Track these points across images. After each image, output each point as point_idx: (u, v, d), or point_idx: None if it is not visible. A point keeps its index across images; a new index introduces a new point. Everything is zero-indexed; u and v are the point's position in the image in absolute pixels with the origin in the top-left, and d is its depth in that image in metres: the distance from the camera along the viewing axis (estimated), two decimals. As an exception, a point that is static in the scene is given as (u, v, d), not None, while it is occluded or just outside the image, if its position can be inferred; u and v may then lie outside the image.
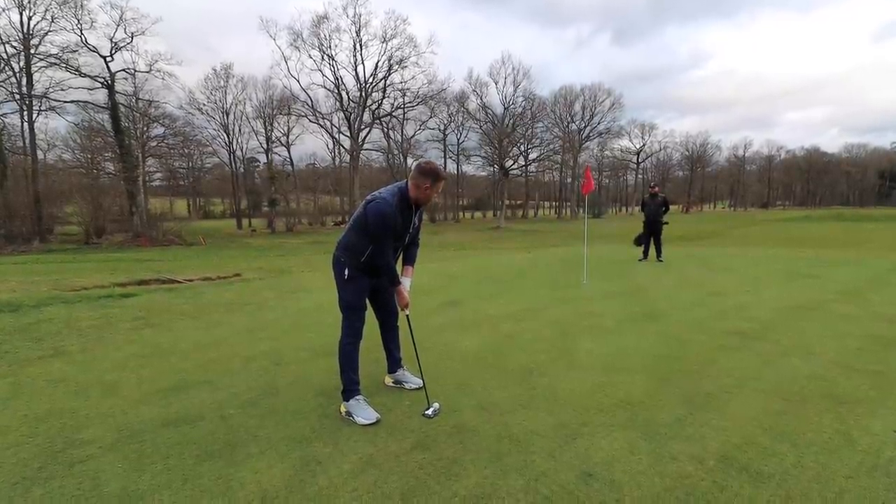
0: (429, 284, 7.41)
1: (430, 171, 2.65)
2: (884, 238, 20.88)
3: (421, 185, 2.65)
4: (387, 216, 2.57)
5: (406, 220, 2.72)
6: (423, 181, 2.64)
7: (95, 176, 36.78)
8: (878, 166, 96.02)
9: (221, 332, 4.60)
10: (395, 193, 2.65)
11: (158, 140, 40.81)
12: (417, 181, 2.65)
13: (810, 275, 7.91)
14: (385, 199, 2.60)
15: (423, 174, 2.64)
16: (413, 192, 2.67)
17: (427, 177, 2.64)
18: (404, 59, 41.13)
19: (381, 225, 2.58)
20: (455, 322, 4.92)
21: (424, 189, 2.65)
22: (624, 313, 5.26)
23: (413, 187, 2.67)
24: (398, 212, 2.63)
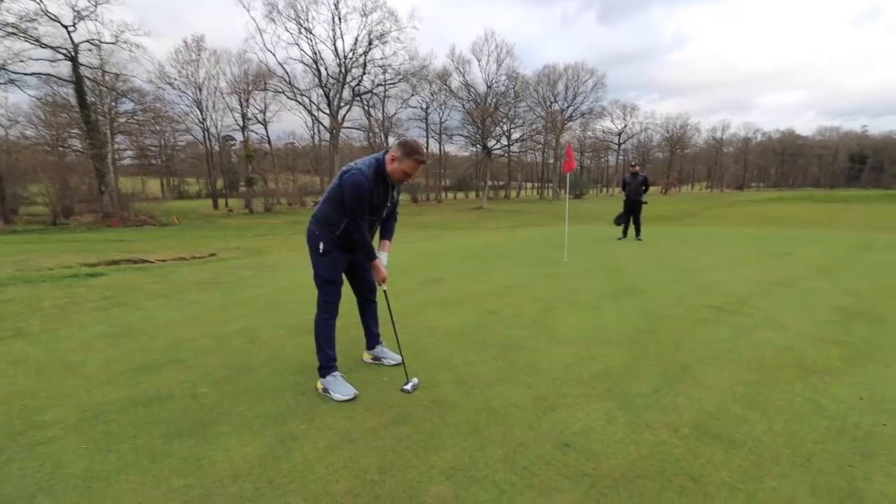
0: (410, 263, 7.35)
1: (411, 151, 2.54)
2: (851, 218, 21.57)
3: (398, 162, 2.54)
4: (362, 188, 2.47)
5: (383, 193, 2.63)
6: (403, 159, 2.54)
7: (62, 153, 35.16)
8: (849, 149, 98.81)
9: (195, 310, 4.46)
10: (372, 165, 2.55)
11: (128, 116, 39.18)
12: (396, 156, 2.54)
13: (784, 252, 8.11)
14: (361, 170, 2.50)
15: (404, 150, 2.53)
16: (389, 167, 2.57)
17: (407, 156, 2.53)
18: (385, 33, 40.08)
19: (356, 197, 2.48)
20: (437, 299, 4.88)
21: (401, 168, 2.55)
22: (604, 290, 5.30)
23: (390, 160, 2.56)
24: (374, 185, 2.54)
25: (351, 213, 2.52)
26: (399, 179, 2.59)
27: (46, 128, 36.00)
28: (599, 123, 68.91)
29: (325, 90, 40.73)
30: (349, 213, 2.53)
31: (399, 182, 2.63)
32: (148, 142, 47.89)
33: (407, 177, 2.58)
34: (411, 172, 2.58)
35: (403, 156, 2.53)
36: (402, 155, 2.53)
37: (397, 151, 2.53)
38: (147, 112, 40.36)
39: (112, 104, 37.09)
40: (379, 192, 2.59)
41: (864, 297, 4.87)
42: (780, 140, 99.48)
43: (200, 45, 43.38)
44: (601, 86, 57.81)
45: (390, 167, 2.56)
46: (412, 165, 2.54)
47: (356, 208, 2.51)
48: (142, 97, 39.63)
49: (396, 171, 2.56)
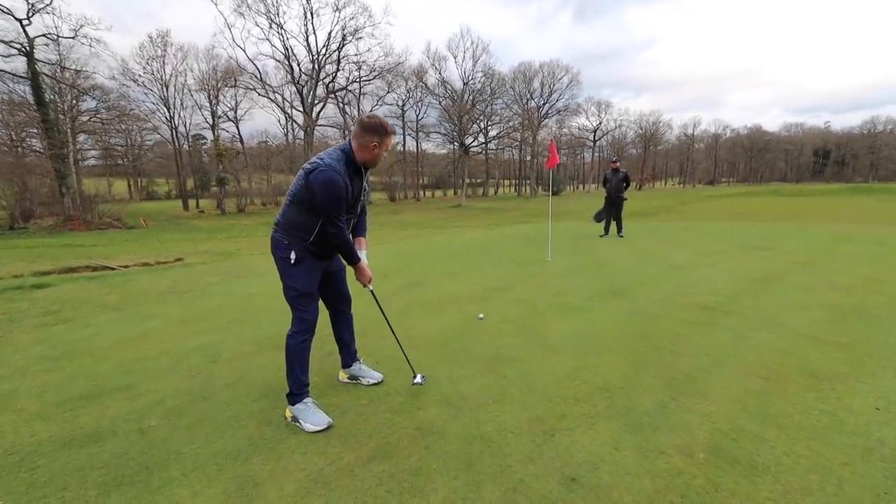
0: (388, 265, 7.03)
1: (375, 127, 2.27)
2: (817, 211, 22.26)
3: (367, 145, 2.27)
4: (336, 185, 2.17)
5: (356, 187, 2.34)
6: (369, 139, 2.26)
7: (20, 154, 33.22)
8: (814, 144, 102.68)
9: (150, 325, 4.06)
10: (340, 158, 2.25)
11: (90, 114, 37.43)
12: (362, 140, 2.26)
13: (763, 247, 8.12)
14: (331, 165, 2.19)
15: (368, 131, 2.26)
16: (359, 154, 2.29)
17: (373, 134, 2.26)
18: (359, 29, 39.35)
19: (331, 196, 2.18)
20: (417, 304, 4.60)
21: (371, 148, 2.28)
22: (591, 289, 5.11)
23: (358, 148, 2.28)
24: (347, 178, 2.26)
25: (328, 214, 2.22)
26: (375, 160, 2.35)
27: (4, 127, 34.00)
28: (575, 120, 69.57)
29: (298, 87, 39.76)
30: (326, 216, 2.23)
31: (374, 163, 2.38)
32: (114, 141, 45.86)
33: (381, 154, 2.36)
34: (385, 148, 2.37)
35: (381, 137, 2.29)
36: (379, 138, 2.28)
37: (373, 137, 2.27)
38: (111, 110, 38.66)
39: (73, 102, 35.38)
40: (354, 186, 2.32)
41: (853, 292, 4.81)
42: (748, 136, 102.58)
43: (166, 41, 41.75)
44: (576, 83, 58.28)
45: (370, 154, 2.30)
46: (389, 143, 2.35)
47: (334, 208, 2.21)
48: (105, 95, 37.95)
49: (378, 156, 2.33)
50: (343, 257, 2.44)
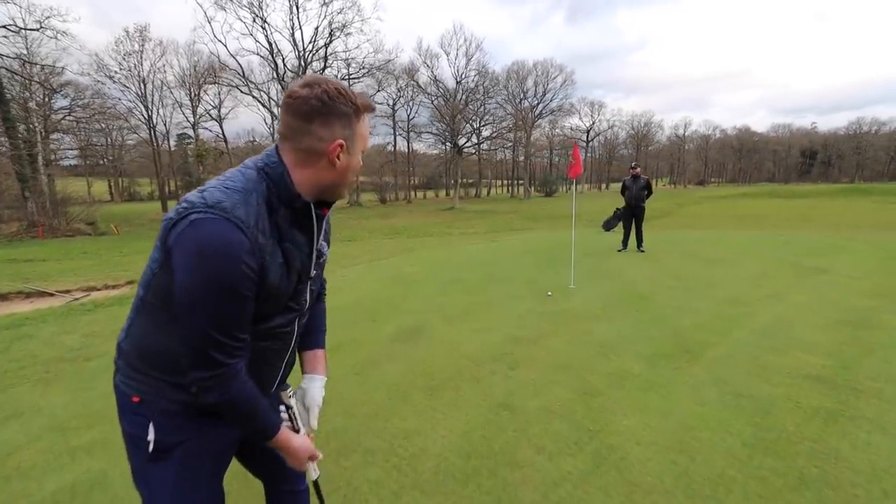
0: (379, 297, 5.72)
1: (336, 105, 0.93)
2: (826, 215, 21.39)
3: (322, 149, 0.96)
4: (230, 260, 0.87)
5: (298, 254, 1.03)
6: (326, 133, 0.95)
7: (-16, 155, 31.15)
8: (801, 145, 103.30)
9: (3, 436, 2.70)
10: (251, 190, 0.94)
11: (64, 113, 35.41)
12: (310, 142, 0.95)
13: (817, 268, 6.95)
14: (224, 208, 0.88)
15: (320, 116, 0.93)
16: (303, 176, 0.98)
17: (334, 120, 0.95)
18: (347, 24, 37.76)
19: (214, 289, 0.87)
20: (417, 379, 3.29)
21: (332, 155, 0.97)
22: (646, 344, 3.86)
23: (301, 161, 0.97)
24: (271, 237, 0.95)
25: (203, 336, 0.90)
26: (345, 181, 1.03)
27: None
28: (568, 121, 68.71)
29: (283, 84, 38.06)
30: (199, 338, 0.90)
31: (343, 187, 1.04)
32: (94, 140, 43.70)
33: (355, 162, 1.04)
34: (362, 147, 1.04)
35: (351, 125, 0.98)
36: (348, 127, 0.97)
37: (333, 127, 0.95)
38: (87, 108, 36.65)
39: (45, 99, 33.40)
40: (292, 254, 1.01)
41: None
42: (737, 136, 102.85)
43: (144, 35, 39.84)
44: (570, 83, 57.34)
45: (332, 172, 0.99)
46: (366, 130, 1.03)
47: (218, 322, 0.90)
48: (79, 92, 35.99)
49: (350, 170, 1.02)
50: (242, 429, 1.10)
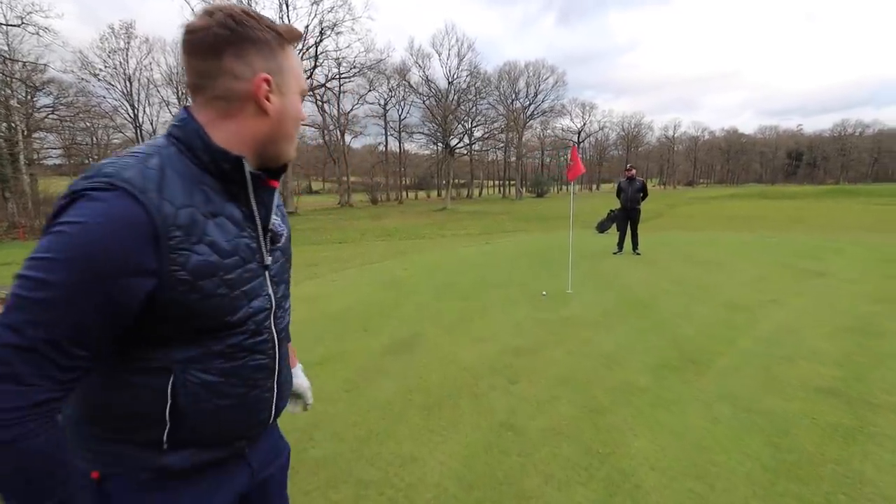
0: (372, 304, 5.51)
1: (245, 30, 0.73)
2: (815, 216, 21.56)
3: (240, 91, 0.74)
4: (105, 238, 0.63)
5: (238, 226, 0.78)
6: (242, 69, 0.73)
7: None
8: (787, 146, 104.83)
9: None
10: (153, 154, 0.71)
11: (47, 111, 34.60)
12: (223, 82, 0.73)
13: (813, 271, 6.88)
14: (108, 173, 0.65)
15: (230, 47, 0.72)
16: (229, 130, 0.76)
17: (248, 48, 0.73)
18: (338, 23, 37.40)
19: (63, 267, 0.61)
20: (412, 395, 3.10)
21: (257, 93, 0.75)
22: (651, 353, 3.71)
23: (220, 111, 0.75)
24: (190, 206, 0.70)
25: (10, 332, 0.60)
26: (290, 135, 0.84)
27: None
28: (559, 122, 68.89)
29: (273, 84, 37.56)
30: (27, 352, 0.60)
31: (284, 145, 0.83)
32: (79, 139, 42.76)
33: (294, 107, 0.82)
34: (301, 90, 0.84)
35: (275, 55, 0.77)
36: (272, 58, 0.76)
37: (246, 59, 0.73)
38: (70, 107, 35.84)
39: (27, 97, 32.60)
40: (223, 229, 0.75)
41: None
42: (724, 138, 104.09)
43: (130, 32, 39.15)
44: (562, 84, 57.41)
45: (260, 123, 0.77)
46: (296, 63, 0.82)
47: (48, 316, 0.61)
48: (63, 90, 35.17)
49: (286, 114, 0.80)
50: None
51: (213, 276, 0.72)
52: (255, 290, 0.81)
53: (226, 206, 0.76)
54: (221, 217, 0.75)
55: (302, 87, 0.84)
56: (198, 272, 0.70)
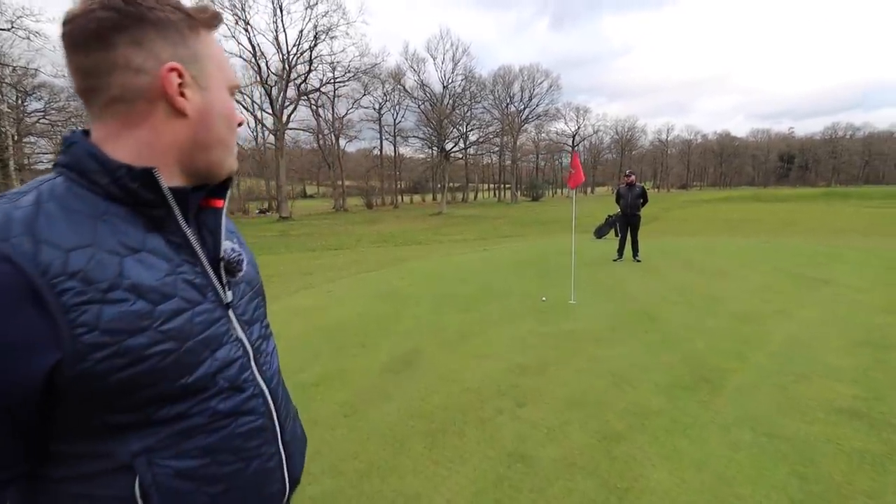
0: (369, 317, 5.34)
1: (154, 5, 0.58)
2: (809, 219, 21.63)
3: (147, 79, 0.58)
4: None
5: (171, 262, 0.61)
6: (139, 54, 0.57)
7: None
8: (779, 149, 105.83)
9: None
10: (29, 190, 0.55)
11: (38, 116, 34.19)
12: (124, 79, 0.57)
13: (818, 278, 6.78)
14: None
15: (115, 30, 0.55)
16: (138, 142, 0.59)
17: (154, 28, 0.58)
18: (332, 27, 37.29)
19: None
20: (418, 419, 2.93)
21: (165, 81, 0.58)
22: (664, 373, 3.56)
23: (121, 120, 0.58)
24: (93, 246, 0.54)
25: None
26: (222, 137, 0.67)
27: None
28: (554, 125, 69.07)
29: (266, 88, 37.40)
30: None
31: (227, 167, 0.69)
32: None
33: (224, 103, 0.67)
34: (236, 84, 0.70)
35: (187, 31, 0.61)
36: (182, 44, 0.60)
37: (162, 43, 0.58)
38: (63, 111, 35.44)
39: (18, 102, 32.23)
40: (148, 266, 0.58)
41: None
42: (717, 141, 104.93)
43: (122, 37, 38.68)
44: (556, 88, 57.68)
45: (179, 130, 0.61)
46: (219, 49, 0.67)
47: None
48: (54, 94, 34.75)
49: (212, 111, 0.64)
50: None
51: (143, 329, 0.55)
52: (216, 337, 0.64)
53: (148, 238, 0.59)
54: (143, 252, 0.58)
55: (231, 81, 0.68)
56: (118, 328, 0.53)
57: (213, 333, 0.63)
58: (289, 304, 6.15)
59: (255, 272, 0.79)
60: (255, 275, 0.79)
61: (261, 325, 0.76)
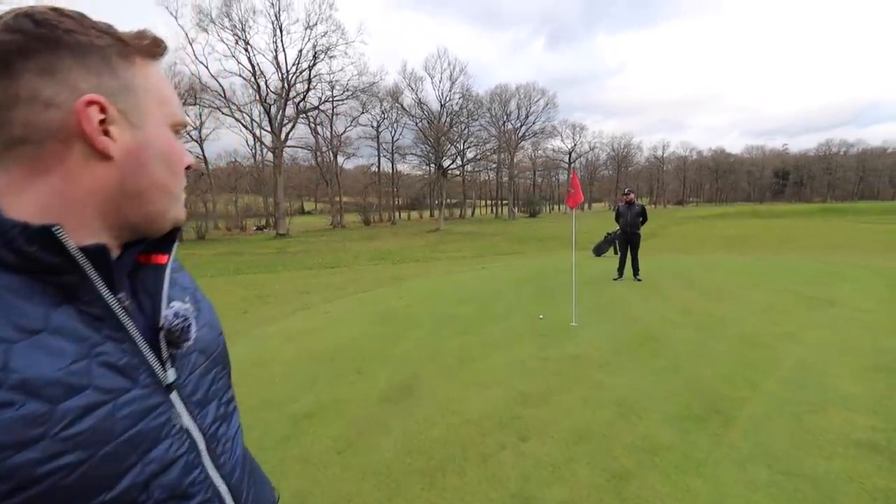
0: (366, 339, 5.19)
1: (75, 28, 0.48)
2: (807, 236, 21.65)
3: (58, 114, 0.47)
4: None
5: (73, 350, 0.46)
6: (50, 85, 0.46)
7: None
8: (774, 166, 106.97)
9: None
10: None
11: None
12: (28, 115, 0.46)
13: (822, 298, 6.68)
14: None
15: (20, 55, 0.45)
16: (46, 194, 0.48)
17: (71, 54, 0.47)
18: (331, 47, 37.86)
19: None
20: (416, 456, 2.77)
21: (81, 117, 0.47)
22: (673, 402, 3.41)
23: (24, 167, 0.47)
24: None
25: None
26: (164, 183, 0.55)
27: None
28: (550, 142, 69.75)
29: (265, 106, 37.72)
30: None
31: (172, 217, 0.58)
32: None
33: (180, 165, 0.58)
34: (181, 122, 0.59)
35: (115, 58, 0.51)
36: (108, 66, 0.50)
37: (81, 71, 0.48)
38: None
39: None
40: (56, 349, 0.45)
41: None
42: (713, 158, 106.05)
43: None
44: (552, 106, 58.39)
45: (103, 176, 0.50)
46: (161, 80, 0.56)
47: None
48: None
49: (148, 153, 0.53)
50: None
51: (35, 440, 0.41)
52: (149, 432, 0.50)
53: (54, 314, 0.46)
54: (43, 334, 0.44)
55: (174, 118, 0.57)
56: None
57: (145, 428, 0.50)
58: (284, 327, 6.00)
59: (214, 334, 0.67)
60: (215, 337, 0.67)
61: (219, 402, 0.63)
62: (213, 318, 0.69)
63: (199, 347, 0.61)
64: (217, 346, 0.67)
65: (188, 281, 0.68)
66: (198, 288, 0.70)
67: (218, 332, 0.69)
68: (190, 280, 0.69)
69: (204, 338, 0.63)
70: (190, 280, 0.69)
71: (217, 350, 0.67)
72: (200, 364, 0.61)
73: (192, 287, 0.68)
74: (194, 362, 0.60)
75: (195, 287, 0.69)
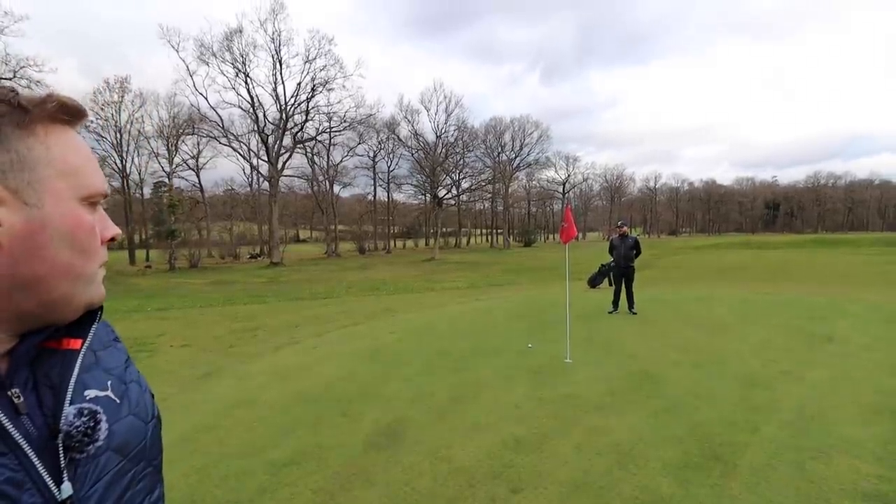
0: (353, 378, 5.02)
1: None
2: (800, 268, 21.75)
3: None
4: None
5: None
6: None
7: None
8: (764, 197, 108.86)
9: None
10: None
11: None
12: None
13: (820, 335, 6.59)
14: None
15: None
16: None
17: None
18: (329, 80, 38.72)
19: None
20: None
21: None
22: (672, 449, 3.26)
23: None
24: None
25: None
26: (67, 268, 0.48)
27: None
28: (545, 173, 70.76)
29: (262, 136, 38.19)
30: None
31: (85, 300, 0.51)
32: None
33: None
34: (96, 193, 0.52)
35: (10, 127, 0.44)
36: None
37: None
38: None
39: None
40: None
41: None
42: (704, 189, 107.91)
43: (125, 87, 39.90)
44: (546, 137, 59.53)
45: None
46: (72, 147, 0.50)
47: None
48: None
49: (45, 236, 0.46)
50: None
51: None
52: None
53: None
54: None
55: (89, 189, 0.50)
56: None
57: None
58: (271, 364, 5.81)
59: (140, 425, 0.57)
60: (141, 429, 0.57)
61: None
62: (144, 405, 0.59)
63: (113, 446, 0.52)
64: (141, 438, 0.57)
65: (117, 360, 0.59)
66: (130, 364, 0.61)
67: (147, 419, 0.59)
68: (120, 357, 0.60)
69: (121, 433, 0.53)
70: (120, 357, 0.60)
71: (140, 444, 0.57)
72: (112, 467, 0.52)
73: (121, 367, 0.59)
74: (103, 466, 0.51)
75: (125, 365, 0.60)
